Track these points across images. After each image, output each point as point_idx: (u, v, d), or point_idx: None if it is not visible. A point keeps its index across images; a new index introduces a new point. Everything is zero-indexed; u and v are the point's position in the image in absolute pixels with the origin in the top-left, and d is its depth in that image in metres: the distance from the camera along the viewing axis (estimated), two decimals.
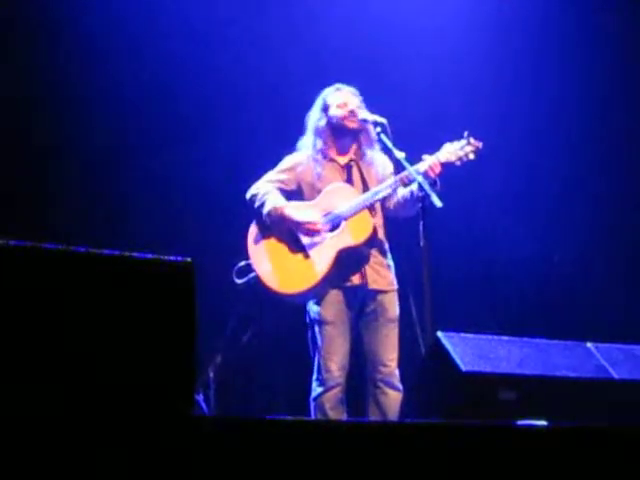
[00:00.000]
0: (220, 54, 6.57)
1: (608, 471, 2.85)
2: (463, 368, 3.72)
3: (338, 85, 5.11)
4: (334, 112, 5.01)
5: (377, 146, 5.01)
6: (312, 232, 4.88)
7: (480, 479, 2.72)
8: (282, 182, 5.02)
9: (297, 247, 4.91)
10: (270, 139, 6.10)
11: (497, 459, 2.76)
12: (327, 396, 4.82)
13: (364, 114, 4.96)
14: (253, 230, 4.98)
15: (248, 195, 5.01)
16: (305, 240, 4.89)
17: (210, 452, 2.43)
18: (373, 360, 4.87)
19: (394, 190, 4.89)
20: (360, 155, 5.05)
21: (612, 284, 6.79)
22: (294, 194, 5.03)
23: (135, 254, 2.56)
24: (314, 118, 5.08)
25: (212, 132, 6.53)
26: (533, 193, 6.87)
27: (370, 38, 6.75)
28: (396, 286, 4.96)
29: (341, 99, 5.03)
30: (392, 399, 4.81)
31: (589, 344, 4.15)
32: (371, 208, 4.91)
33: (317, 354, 4.87)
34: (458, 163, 4.89)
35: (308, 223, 4.88)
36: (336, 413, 4.80)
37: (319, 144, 5.03)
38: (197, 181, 6.48)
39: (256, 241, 4.96)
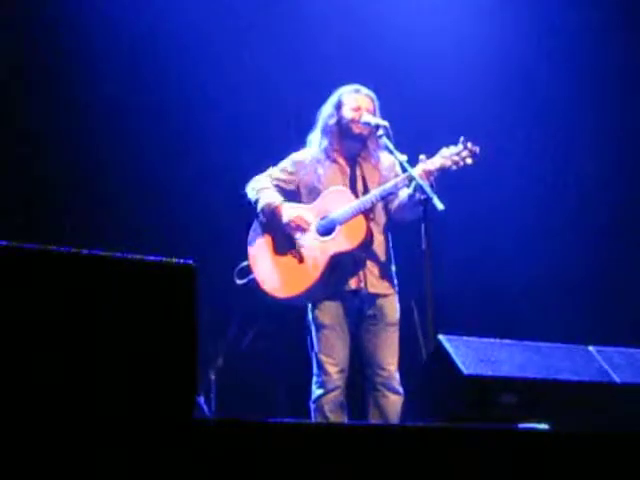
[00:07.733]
0: (220, 58, 6.57)
1: (610, 476, 2.85)
2: (465, 371, 3.70)
3: (357, 86, 5.01)
4: (346, 113, 4.93)
5: (384, 149, 4.94)
6: (302, 229, 4.85)
7: None
8: (282, 181, 5.00)
9: (291, 251, 4.89)
10: (272, 138, 6.10)
11: (498, 463, 2.75)
12: (326, 398, 4.80)
13: (367, 117, 4.92)
14: (252, 231, 4.98)
15: (247, 187, 5.00)
16: (299, 244, 4.88)
17: (211, 454, 2.43)
18: (372, 364, 4.85)
19: (393, 193, 4.85)
20: (366, 158, 5.01)
21: (615, 287, 6.78)
22: (292, 194, 5.00)
23: (137, 256, 2.56)
24: (325, 114, 5.00)
25: (214, 132, 6.53)
26: (537, 199, 6.86)
27: (379, 38, 6.75)
28: (396, 289, 4.93)
29: (356, 102, 4.94)
30: (392, 402, 4.79)
31: (591, 348, 4.14)
32: (367, 212, 4.86)
33: (316, 357, 4.86)
34: (454, 168, 4.80)
35: (299, 219, 4.84)
36: (336, 416, 4.79)
37: (324, 143, 4.98)
38: (199, 182, 6.48)
39: (254, 242, 4.96)
